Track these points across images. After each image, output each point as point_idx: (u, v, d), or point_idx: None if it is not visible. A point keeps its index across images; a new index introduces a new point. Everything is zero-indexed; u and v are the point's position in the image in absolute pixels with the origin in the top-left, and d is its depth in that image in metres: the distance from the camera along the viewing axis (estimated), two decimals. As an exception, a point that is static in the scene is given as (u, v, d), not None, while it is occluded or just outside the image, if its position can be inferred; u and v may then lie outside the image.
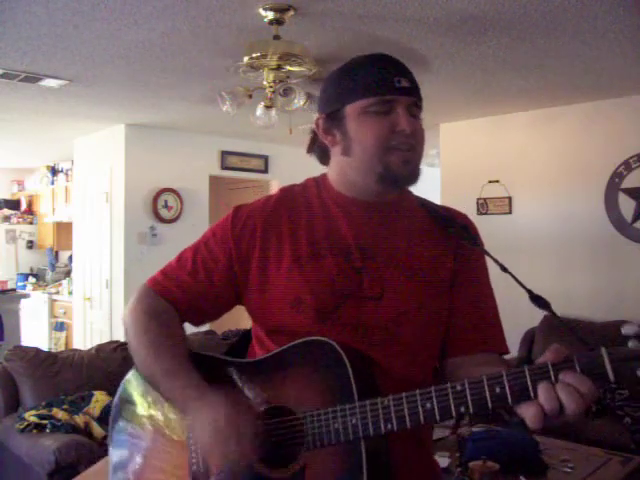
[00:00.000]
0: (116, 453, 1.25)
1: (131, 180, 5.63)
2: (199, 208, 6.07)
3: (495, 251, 1.20)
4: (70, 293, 6.98)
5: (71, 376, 3.47)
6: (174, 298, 1.21)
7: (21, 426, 3.09)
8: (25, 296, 7.16)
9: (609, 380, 0.91)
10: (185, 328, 1.25)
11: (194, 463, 1.14)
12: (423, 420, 0.99)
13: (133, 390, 1.25)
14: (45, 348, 5.86)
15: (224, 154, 6.24)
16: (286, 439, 1.07)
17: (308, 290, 1.15)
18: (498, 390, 0.95)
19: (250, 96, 3.10)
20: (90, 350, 3.78)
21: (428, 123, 1.21)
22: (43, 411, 3.18)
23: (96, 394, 3.34)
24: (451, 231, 1.22)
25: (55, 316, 7.34)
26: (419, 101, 1.17)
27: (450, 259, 1.22)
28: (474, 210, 5.32)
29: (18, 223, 8.52)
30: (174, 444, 1.18)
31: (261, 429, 1.06)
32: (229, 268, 1.21)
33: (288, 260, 1.17)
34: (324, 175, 1.28)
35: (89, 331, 6.15)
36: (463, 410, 0.97)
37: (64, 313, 7.12)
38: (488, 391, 0.95)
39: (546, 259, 4.95)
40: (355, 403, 1.03)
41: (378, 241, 1.19)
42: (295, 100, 2.99)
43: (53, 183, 8.00)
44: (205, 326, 2.46)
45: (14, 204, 8.70)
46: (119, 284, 5.66)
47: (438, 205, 1.29)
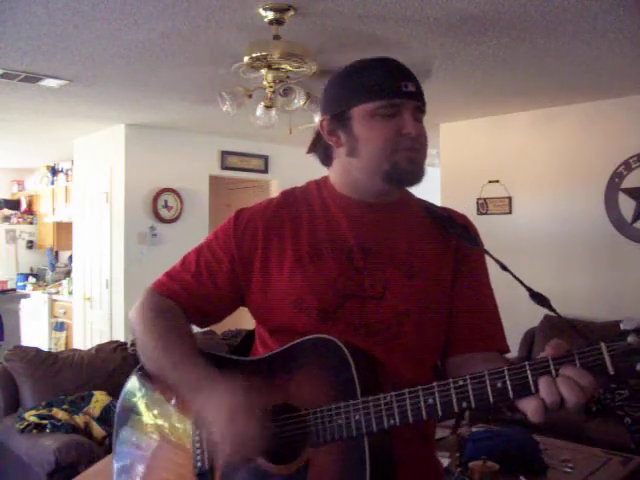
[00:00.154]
0: (119, 461, 1.27)
1: (131, 180, 5.63)
2: (199, 208, 6.07)
3: (495, 251, 1.21)
4: (70, 293, 6.98)
5: (71, 376, 3.47)
6: (179, 299, 1.23)
7: (21, 426, 3.09)
8: (25, 296, 7.16)
9: (609, 374, 0.92)
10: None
11: (199, 460, 1.16)
12: (425, 415, 1.00)
13: (134, 399, 1.27)
14: (45, 348, 5.86)
15: (224, 154, 6.24)
16: (290, 435, 1.08)
17: (310, 290, 1.16)
18: (499, 385, 0.96)
19: (250, 96, 3.10)
20: (90, 350, 3.78)
21: (428, 123, 1.22)
22: (43, 411, 3.18)
23: (96, 394, 3.34)
24: (451, 231, 1.23)
25: (55, 316, 7.34)
26: (423, 105, 1.20)
27: (450, 259, 1.23)
28: (474, 210, 5.33)
29: (18, 223, 8.52)
30: (177, 448, 1.20)
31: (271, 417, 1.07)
32: (232, 270, 1.22)
33: (290, 261, 1.19)
34: (325, 177, 1.30)
35: (89, 331, 6.15)
36: (465, 405, 0.98)
37: (64, 313, 7.12)
38: (490, 386, 0.97)
39: (546, 259, 4.95)
40: (358, 399, 1.04)
41: (379, 241, 1.20)
42: (295, 100, 2.99)
43: (53, 183, 8.00)
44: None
45: (14, 204, 8.70)
46: (119, 284, 5.66)
47: (438, 206, 1.31)
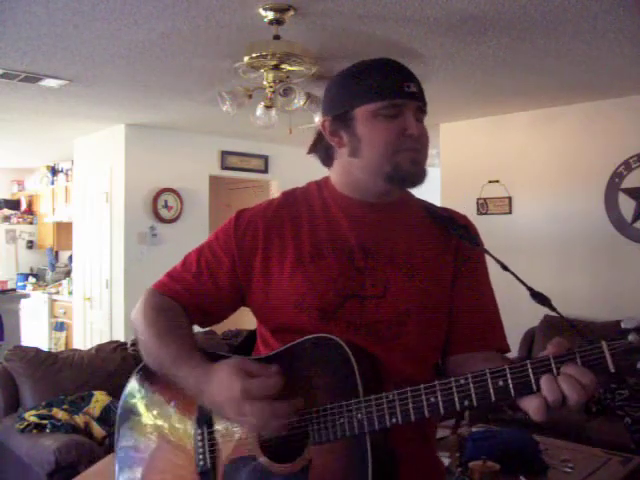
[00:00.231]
0: (121, 462, 1.28)
1: (131, 180, 5.63)
2: (199, 208, 6.07)
3: (495, 251, 1.21)
4: (70, 293, 6.98)
5: (71, 376, 3.47)
6: (180, 299, 1.24)
7: (21, 426, 3.10)
8: (25, 296, 7.16)
9: (610, 372, 0.92)
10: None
11: (201, 459, 1.17)
12: (427, 413, 1.01)
13: (135, 400, 1.28)
14: (45, 348, 5.86)
15: (224, 154, 6.24)
16: (292, 434, 1.09)
17: (311, 290, 1.17)
18: (501, 383, 0.97)
19: (250, 96, 3.10)
20: (90, 350, 3.78)
21: (428, 123, 1.22)
22: (43, 411, 3.18)
23: (96, 394, 3.34)
24: (452, 231, 1.24)
25: (55, 316, 7.34)
26: (424, 106, 1.20)
27: (451, 259, 1.24)
28: (474, 210, 5.33)
29: (18, 223, 8.52)
30: (178, 448, 1.20)
31: (273, 390, 1.04)
32: (232, 270, 1.23)
33: (291, 261, 1.19)
34: (326, 178, 1.30)
35: (89, 331, 6.15)
36: (467, 404, 0.99)
37: (64, 313, 7.12)
38: (491, 385, 0.97)
39: (546, 259, 4.95)
40: (360, 398, 1.04)
41: (380, 241, 1.21)
42: (295, 100, 2.99)
43: (53, 183, 8.00)
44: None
45: (14, 204, 8.70)
46: (119, 284, 5.66)
47: (438, 206, 1.32)
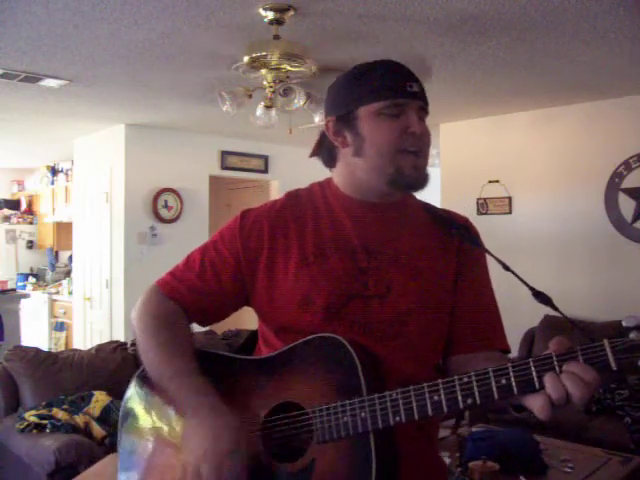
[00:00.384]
0: (123, 464, 1.28)
1: (131, 180, 5.63)
2: (199, 208, 6.06)
3: (495, 251, 1.22)
4: (70, 293, 6.98)
5: (71, 376, 3.47)
6: (182, 299, 1.24)
7: (21, 426, 3.10)
8: (25, 296, 7.16)
9: (612, 370, 0.93)
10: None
11: None
12: (431, 412, 1.02)
13: (136, 404, 1.29)
14: (45, 348, 5.86)
15: (224, 154, 6.24)
16: (295, 434, 1.10)
17: (315, 290, 1.17)
18: (504, 382, 0.97)
19: (250, 96, 3.10)
20: (90, 350, 3.78)
21: (428, 123, 1.23)
22: (43, 411, 3.18)
23: (96, 394, 3.34)
24: (453, 232, 1.25)
25: (55, 316, 7.34)
26: (426, 106, 1.22)
27: (452, 259, 1.25)
28: (474, 210, 5.33)
29: (18, 223, 8.52)
30: (179, 450, 1.19)
31: (255, 446, 1.10)
32: (237, 269, 1.23)
33: (295, 261, 1.20)
34: (329, 179, 1.31)
35: (89, 331, 6.15)
36: (470, 402, 0.99)
37: (64, 313, 7.12)
38: (494, 382, 0.98)
39: (546, 259, 4.95)
40: (364, 397, 1.05)
41: (382, 241, 1.22)
42: (295, 100, 3.00)
43: (53, 183, 8.00)
44: (205, 326, 2.46)
45: (14, 204, 8.70)
46: (119, 284, 5.66)
47: (438, 207, 1.33)
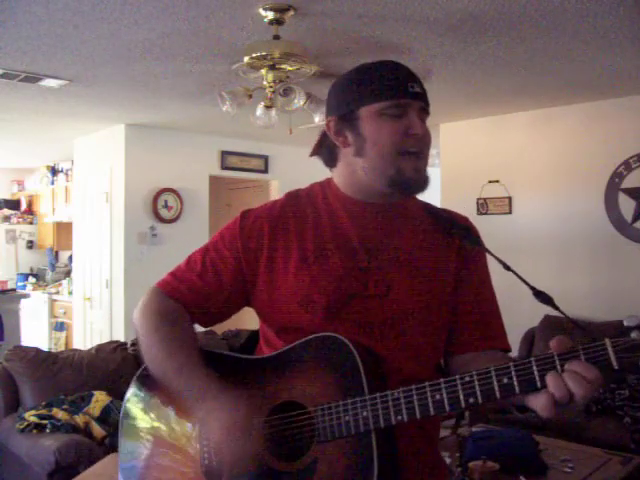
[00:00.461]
0: (125, 465, 1.28)
1: (131, 180, 5.63)
2: (199, 208, 6.06)
3: (495, 251, 1.22)
4: (70, 293, 6.98)
5: (71, 376, 3.47)
6: (183, 299, 1.24)
7: (21, 426, 3.10)
8: (25, 296, 7.16)
9: (613, 369, 0.93)
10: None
11: (206, 458, 1.17)
12: (433, 411, 1.02)
13: (137, 404, 1.29)
14: (45, 348, 5.86)
15: (224, 154, 6.24)
16: (297, 433, 1.10)
17: (316, 289, 1.18)
18: (506, 381, 0.98)
19: (250, 96, 3.10)
20: (90, 350, 3.78)
21: (428, 123, 1.23)
22: (43, 411, 3.18)
23: (96, 394, 3.34)
24: (453, 232, 1.25)
25: (55, 316, 7.34)
26: (427, 107, 1.22)
27: (453, 259, 1.25)
28: (474, 210, 5.33)
29: (18, 223, 8.52)
30: (181, 451, 1.21)
31: (267, 430, 1.11)
32: (237, 269, 1.23)
33: (296, 261, 1.20)
34: (329, 179, 1.31)
35: (89, 331, 6.15)
36: (472, 401, 1.00)
37: (64, 313, 7.12)
38: (496, 382, 0.98)
39: (546, 259, 4.95)
40: (366, 396, 1.05)
41: (383, 241, 1.22)
42: (295, 100, 2.99)
43: (53, 183, 8.00)
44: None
45: (14, 204, 8.70)
46: (119, 284, 5.66)
47: (439, 208, 1.33)
